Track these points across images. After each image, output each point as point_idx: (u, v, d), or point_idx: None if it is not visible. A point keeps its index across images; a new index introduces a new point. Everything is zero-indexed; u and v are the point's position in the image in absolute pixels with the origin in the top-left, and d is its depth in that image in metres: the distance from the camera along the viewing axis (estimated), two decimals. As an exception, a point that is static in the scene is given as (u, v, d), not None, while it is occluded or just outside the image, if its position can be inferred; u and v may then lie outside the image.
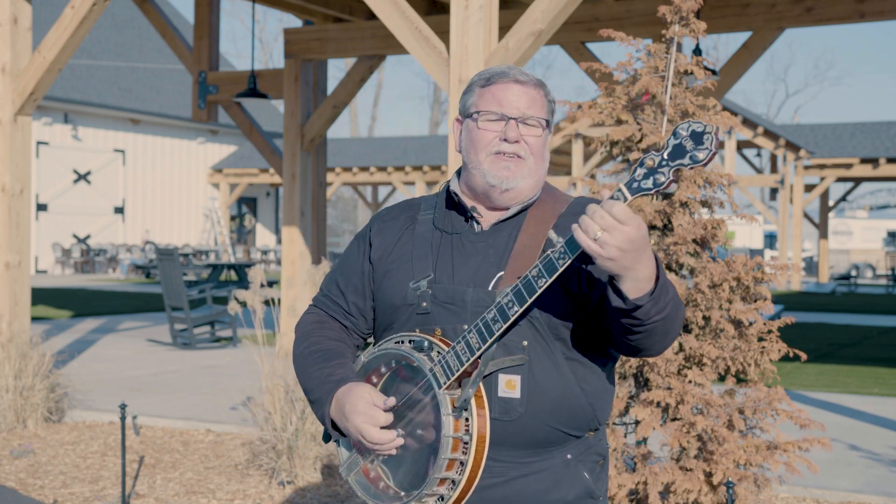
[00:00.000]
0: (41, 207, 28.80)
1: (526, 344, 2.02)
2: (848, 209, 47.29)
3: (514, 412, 2.00)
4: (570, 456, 2.08)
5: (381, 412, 1.99)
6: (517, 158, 2.06)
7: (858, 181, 31.78)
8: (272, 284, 17.02)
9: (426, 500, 1.98)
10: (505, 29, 6.87)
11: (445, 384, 1.96)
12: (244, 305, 5.76)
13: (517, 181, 2.06)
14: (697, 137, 1.75)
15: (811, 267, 37.59)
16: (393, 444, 2.00)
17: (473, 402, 1.96)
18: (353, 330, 2.23)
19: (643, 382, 4.22)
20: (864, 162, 26.82)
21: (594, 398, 2.08)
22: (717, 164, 4.46)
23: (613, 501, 4.09)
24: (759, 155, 35.99)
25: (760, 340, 4.62)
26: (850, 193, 33.93)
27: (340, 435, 2.11)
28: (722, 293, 4.13)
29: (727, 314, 4.18)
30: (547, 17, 5.61)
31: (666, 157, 1.77)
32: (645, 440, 4.21)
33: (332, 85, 63.53)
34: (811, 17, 9.29)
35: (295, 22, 43.62)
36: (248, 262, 22.80)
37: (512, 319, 1.91)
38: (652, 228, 4.31)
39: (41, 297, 18.82)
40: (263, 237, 37.37)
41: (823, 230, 30.98)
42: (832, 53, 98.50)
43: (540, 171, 2.09)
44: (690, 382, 4.12)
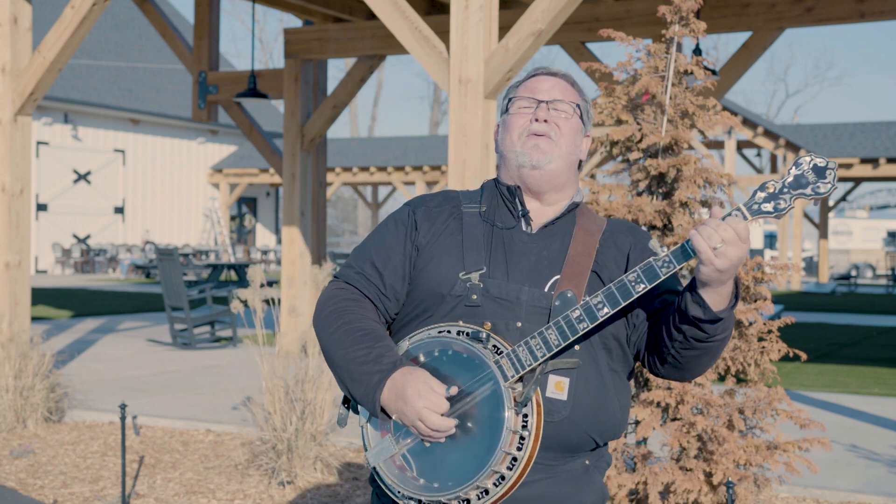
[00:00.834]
0: (41, 207, 28.80)
1: (578, 348, 2.05)
2: (848, 209, 47.29)
3: (558, 414, 2.02)
4: (588, 462, 2.11)
5: (443, 399, 1.96)
6: (547, 139, 2.11)
7: (858, 181, 31.78)
8: (272, 284, 17.02)
9: (469, 493, 1.95)
10: (505, 29, 6.87)
11: (513, 378, 1.95)
12: (245, 305, 5.76)
13: (548, 160, 2.11)
14: (820, 172, 1.87)
15: (811, 267, 37.59)
16: (449, 432, 1.96)
17: (534, 399, 1.96)
18: (382, 312, 2.16)
19: (643, 382, 4.22)
20: (864, 162, 26.81)
21: (623, 411, 2.13)
22: (716, 163, 4.47)
23: (613, 501, 4.09)
24: (759, 155, 35.97)
25: (760, 340, 4.62)
26: (850, 193, 33.93)
27: (386, 418, 2.04)
28: (722, 293, 4.13)
29: (727, 314, 4.17)
30: (547, 17, 5.61)
31: (787, 185, 1.89)
32: (645, 440, 4.21)
33: (332, 85, 63.54)
34: (811, 17, 9.29)
35: (295, 22, 43.61)
36: (248, 261, 22.80)
37: (600, 321, 1.95)
38: (652, 228, 4.31)
39: (41, 297, 18.82)
40: (263, 237, 37.37)
41: (823, 230, 30.99)
42: (832, 53, 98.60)
43: (572, 156, 2.15)
44: (690, 382, 4.12)
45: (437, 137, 35.60)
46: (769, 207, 1.88)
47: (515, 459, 1.94)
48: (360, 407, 2.11)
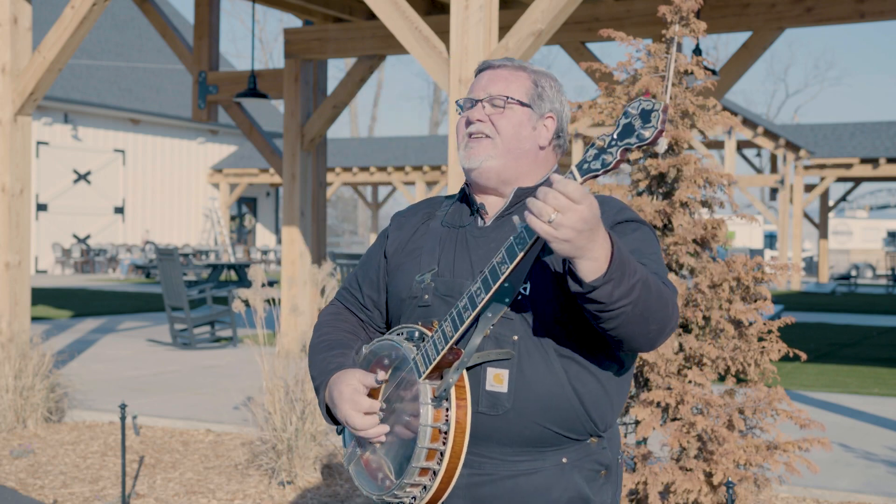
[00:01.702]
0: (41, 207, 28.80)
1: (516, 339, 1.99)
2: (848, 209, 47.29)
3: (500, 407, 1.99)
4: (565, 460, 2.03)
5: (364, 398, 2.02)
6: (482, 138, 2.09)
7: (858, 181, 31.79)
8: (272, 284, 17.03)
9: (409, 490, 1.98)
10: (505, 29, 6.87)
11: (425, 373, 1.97)
12: (247, 304, 5.76)
13: (481, 160, 2.08)
14: (646, 115, 1.70)
15: (811, 267, 37.59)
16: (376, 430, 2.02)
17: (453, 391, 1.95)
18: (368, 323, 2.27)
19: (643, 382, 4.22)
20: (864, 162, 26.82)
21: (589, 400, 2.02)
22: (716, 164, 4.47)
23: (613, 501, 4.09)
24: (759, 155, 35.99)
25: (760, 340, 4.62)
26: (850, 193, 33.93)
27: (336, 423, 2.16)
28: (722, 293, 4.13)
29: (727, 314, 4.18)
30: (547, 17, 5.61)
31: (615, 136, 1.73)
32: (645, 440, 4.21)
33: (332, 85, 63.55)
34: (811, 17, 9.29)
35: (295, 22, 43.60)
36: (248, 261, 22.80)
37: (480, 307, 1.89)
38: (652, 229, 4.30)
39: (41, 297, 18.82)
40: (263, 237, 37.37)
41: (823, 230, 30.98)
42: (832, 53, 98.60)
43: (518, 148, 2.09)
44: (690, 382, 4.12)
45: (437, 137, 35.61)
46: (597, 165, 1.73)
47: (441, 454, 1.95)
48: None
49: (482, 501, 2.02)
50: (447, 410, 1.94)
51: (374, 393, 2.07)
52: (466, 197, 2.19)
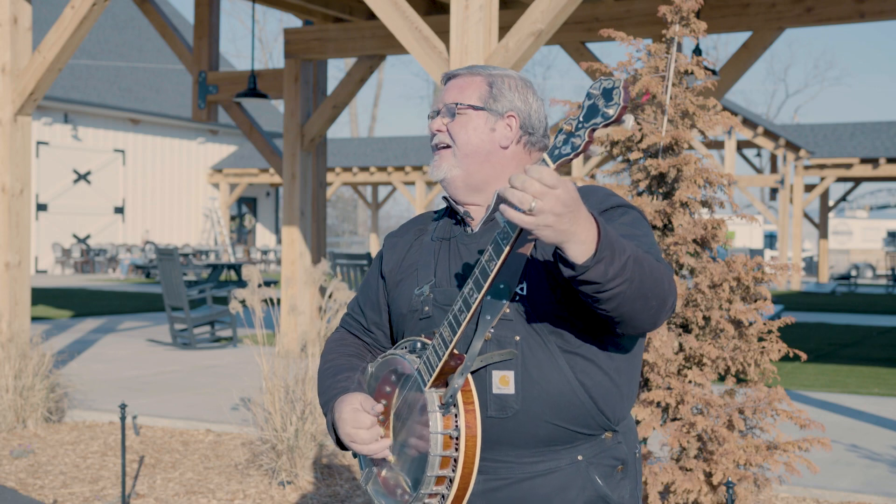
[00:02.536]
0: (41, 207, 28.80)
1: (518, 339, 1.99)
2: (848, 209, 47.31)
3: (509, 409, 1.98)
4: (580, 458, 2.01)
5: (365, 415, 2.02)
6: (444, 148, 2.10)
7: (858, 181, 31.79)
8: (272, 284, 17.02)
9: (428, 500, 1.97)
10: (505, 29, 6.87)
11: (429, 381, 1.96)
12: (244, 304, 5.76)
13: (444, 171, 2.09)
14: (608, 94, 1.68)
15: (811, 267, 37.59)
16: (379, 445, 2.02)
17: (460, 396, 1.93)
18: (373, 345, 2.29)
19: (643, 382, 4.22)
20: (864, 162, 26.82)
21: (598, 393, 2.00)
22: (716, 164, 4.46)
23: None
24: (759, 155, 35.98)
25: (760, 340, 4.62)
26: (850, 193, 33.93)
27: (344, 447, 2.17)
28: (722, 293, 4.13)
29: (727, 314, 4.18)
30: (547, 17, 5.61)
31: (581, 119, 1.71)
32: (645, 440, 4.21)
33: (332, 85, 63.54)
34: (811, 17, 9.29)
35: (295, 22, 43.60)
36: (248, 262, 22.79)
37: (474, 307, 1.88)
38: (652, 229, 4.31)
39: (41, 297, 18.82)
40: (263, 237, 37.37)
41: (823, 230, 30.98)
42: (832, 53, 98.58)
43: (478, 153, 2.08)
44: (690, 382, 4.12)
45: (437, 137, 35.52)
46: (567, 149, 1.71)
47: (455, 460, 1.93)
48: None
49: None
50: (455, 416, 1.93)
51: (385, 411, 2.07)
52: (449, 208, 2.20)
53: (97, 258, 29.68)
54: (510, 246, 1.80)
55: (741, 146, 29.91)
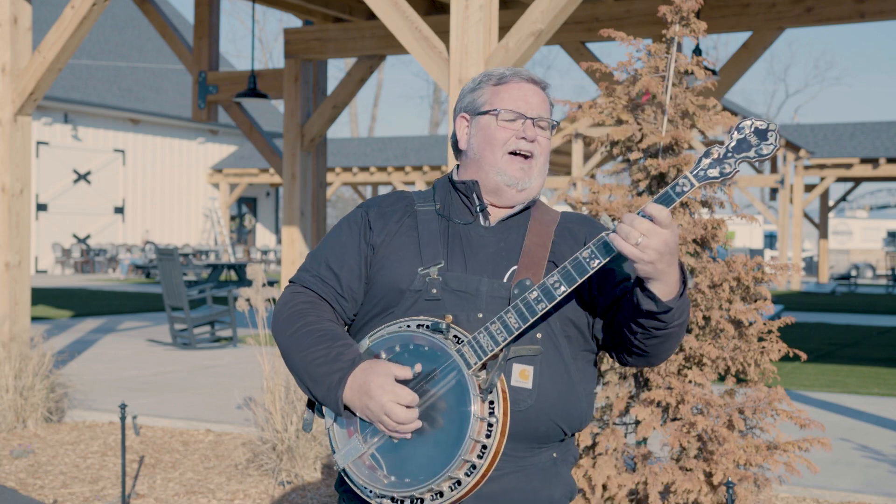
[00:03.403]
0: (41, 207, 28.80)
1: (540, 336, 2.05)
2: (848, 209, 47.30)
3: (523, 403, 2.01)
4: (555, 455, 2.10)
5: (407, 390, 1.94)
6: (531, 158, 2.13)
7: (858, 181, 31.78)
8: (272, 284, 17.03)
9: (441, 485, 1.93)
10: (505, 29, 6.87)
11: (476, 364, 1.94)
12: (249, 303, 5.76)
13: (531, 180, 2.13)
14: (762, 134, 1.89)
15: (811, 267, 37.59)
16: (414, 425, 1.95)
17: (499, 386, 1.95)
18: (340, 314, 2.16)
19: (643, 382, 4.22)
20: (864, 162, 26.82)
21: (588, 401, 2.12)
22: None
23: (614, 501, 4.09)
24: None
25: (760, 340, 4.62)
26: (850, 193, 33.93)
27: (352, 416, 2.03)
28: (722, 293, 4.13)
29: (727, 314, 4.18)
30: (547, 17, 5.61)
31: (731, 149, 1.90)
32: (645, 440, 4.21)
33: (332, 85, 63.53)
34: (811, 17, 9.29)
35: (295, 22, 43.60)
36: (248, 261, 22.79)
37: (558, 300, 1.94)
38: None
39: (41, 297, 18.82)
40: (263, 237, 37.37)
41: (823, 230, 30.98)
42: (832, 53, 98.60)
43: (546, 170, 2.17)
44: (690, 382, 4.12)
45: (437, 137, 35.60)
46: (715, 173, 1.90)
47: (485, 447, 1.92)
48: (325, 409, 2.10)
49: (489, 498, 2.01)
50: (492, 404, 1.93)
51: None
52: (460, 193, 2.17)
53: (97, 258, 29.68)
54: (613, 255, 1.91)
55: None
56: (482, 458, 1.92)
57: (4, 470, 5.88)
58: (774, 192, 30.44)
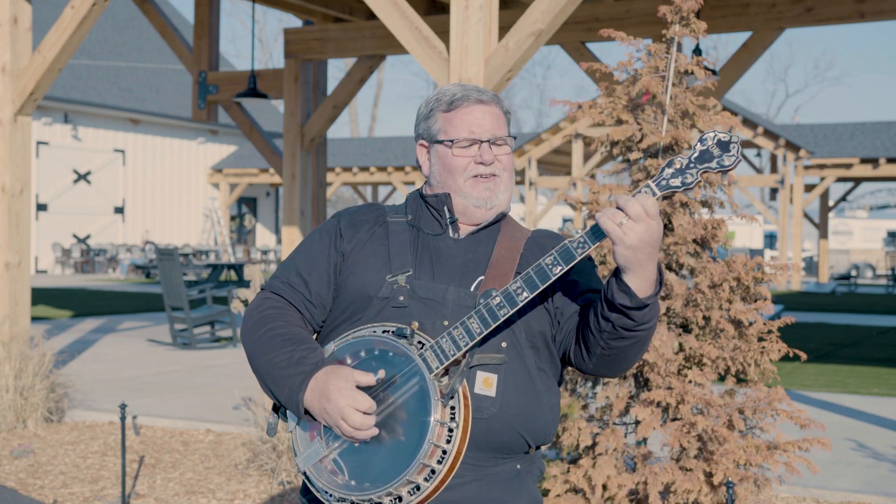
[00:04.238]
0: (41, 207, 28.79)
1: (504, 346, 2.06)
2: (848, 209, 47.31)
3: (486, 411, 2.02)
4: (519, 467, 2.11)
5: (365, 396, 1.95)
6: (494, 177, 2.15)
7: (858, 181, 31.79)
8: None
9: (400, 489, 1.93)
10: (505, 29, 6.86)
11: (437, 369, 1.95)
12: (246, 305, 5.76)
13: (498, 197, 2.16)
14: (724, 146, 1.92)
15: (811, 267, 37.59)
16: (370, 431, 1.95)
17: (461, 391, 1.96)
18: (309, 320, 2.18)
19: (643, 382, 4.22)
20: (864, 162, 26.81)
21: (553, 413, 2.14)
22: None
23: (614, 501, 4.09)
24: (759, 155, 36.00)
25: (760, 340, 4.62)
26: (850, 193, 33.93)
27: (312, 420, 2.04)
28: (722, 293, 4.13)
29: (727, 314, 4.18)
30: (547, 17, 5.61)
31: (694, 159, 1.93)
32: (645, 440, 4.21)
33: (332, 85, 63.53)
34: (811, 17, 9.29)
35: (295, 22, 43.60)
36: (248, 261, 22.79)
37: (520, 305, 1.94)
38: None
39: (41, 297, 18.82)
40: (263, 237, 37.37)
41: (823, 230, 30.98)
42: (832, 53, 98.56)
43: (512, 183, 2.20)
44: (690, 382, 4.12)
45: (437, 137, 35.49)
46: (677, 182, 1.92)
47: (445, 452, 1.93)
48: (288, 412, 2.11)
49: None
50: (453, 409, 1.94)
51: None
52: (430, 206, 2.19)
53: (97, 258, 29.68)
54: (581, 255, 1.93)
55: (741, 146, 29.85)
56: (441, 463, 1.92)
57: (4, 470, 5.88)
58: (774, 192, 30.45)
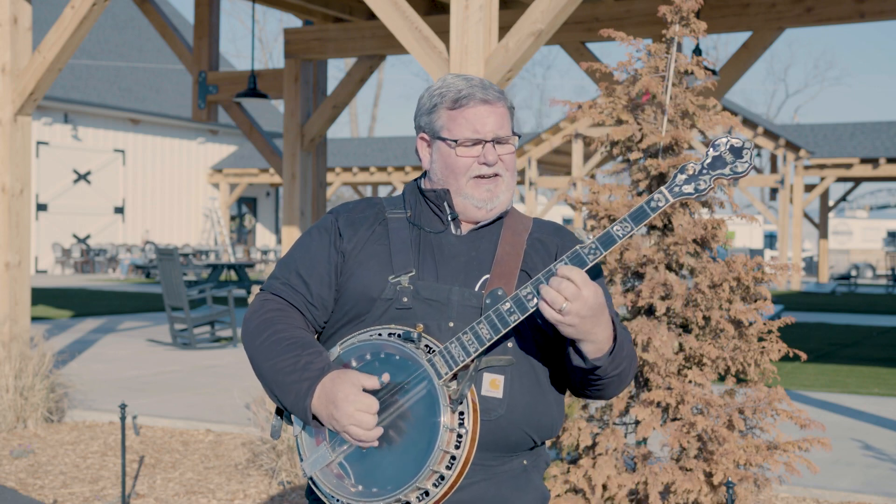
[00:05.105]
0: (41, 207, 28.80)
1: (511, 346, 2.05)
2: (848, 209, 47.32)
3: (494, 412, 2.01)
4: (526, 462, 2.10)
5: (374, 401, 1.93)
6: (496, 177, 2.11)
7: (858, 181, 31.79)
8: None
9: (409, 495, 1.92)
10: (505, 29, 6.86)
11: (447, 375, 1.93)
12: (246, 304, 5.76)
13: (500, 198, 2.12)
14: (737, 152, 1.92)
15: (811, 267, 37.59)
16: (377, 431, 1.93)
17: (469, 397, 1.94)
18: (310, 321, 2.14)
19: (643, 382, 4.22)
20: (864, 162, 26.82)
21: (558, 408, 2.14)
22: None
23: (614, 501, 4.09)
24: (759, 155, 36.00)
25: (760, 340, 4.62)
26: (850, 193, 33.94)
27: (320, 426, 2.02)
28: (722, 293, 4.13)
29: (727, 314, 4.18)
30: (547, 17, 5.60)
31: (706, 166, 1.94)
32: (645, 440, 4.21)
33: (332, 85, 63.53)
34: (811, 17, 9.29)
35: (295, 22, 43.60)
36: (248, 262, 22.80)
37: (530, 311, 1.93)
38: (652, 228, 4.31)
39: (41, 297, 18.82)
40: (263, 237, 37.37)
41: (823, 230, 30.98)
42: (832, 53, 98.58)
43: (514, 182, 2.17)
44: (690, 382, 4.12)
45: (437, 137, 35.51)
46: (690, 189, 1.93)
47: (454, 458, 1.91)
48: (293, 416, 2.08)
49: None
50: (462, 415, 1.92)
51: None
52: (430, 202, 2.16)
53: (97, 258, 29.68)
54: (593, 262, 1.95)
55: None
56: (451, 468, 1.91)
57: (4, 470, 5.88)
58: (774, 192, 30.44)
